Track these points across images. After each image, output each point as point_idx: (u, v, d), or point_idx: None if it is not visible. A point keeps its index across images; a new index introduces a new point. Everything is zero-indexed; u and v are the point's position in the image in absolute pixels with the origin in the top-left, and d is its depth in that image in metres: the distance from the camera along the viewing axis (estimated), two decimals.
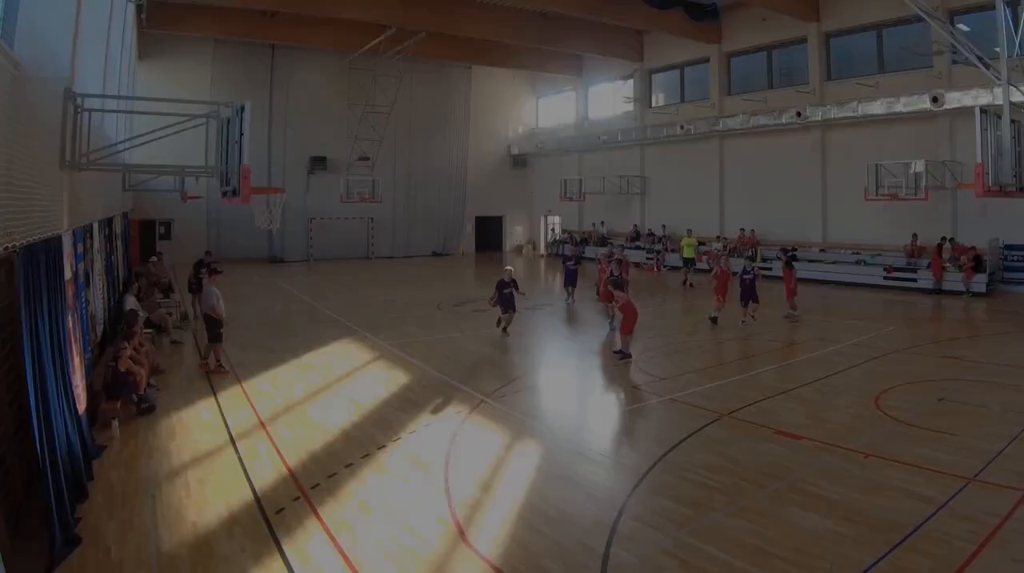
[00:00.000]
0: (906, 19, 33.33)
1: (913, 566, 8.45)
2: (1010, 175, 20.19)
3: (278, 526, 9.84)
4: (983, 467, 11.43)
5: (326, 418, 15.11)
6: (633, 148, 53.39)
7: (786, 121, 40.31)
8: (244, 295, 34.57)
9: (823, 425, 13.71)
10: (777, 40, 42.81)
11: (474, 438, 13.76)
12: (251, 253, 50.92)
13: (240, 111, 15.50)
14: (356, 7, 39.82)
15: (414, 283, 41.03)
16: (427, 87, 58.06)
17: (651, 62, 52.05)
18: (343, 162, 52.92)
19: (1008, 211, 30.06)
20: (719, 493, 10.74)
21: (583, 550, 9.12)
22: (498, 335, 23.71)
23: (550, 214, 63.02)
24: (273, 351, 21.84)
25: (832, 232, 40.47)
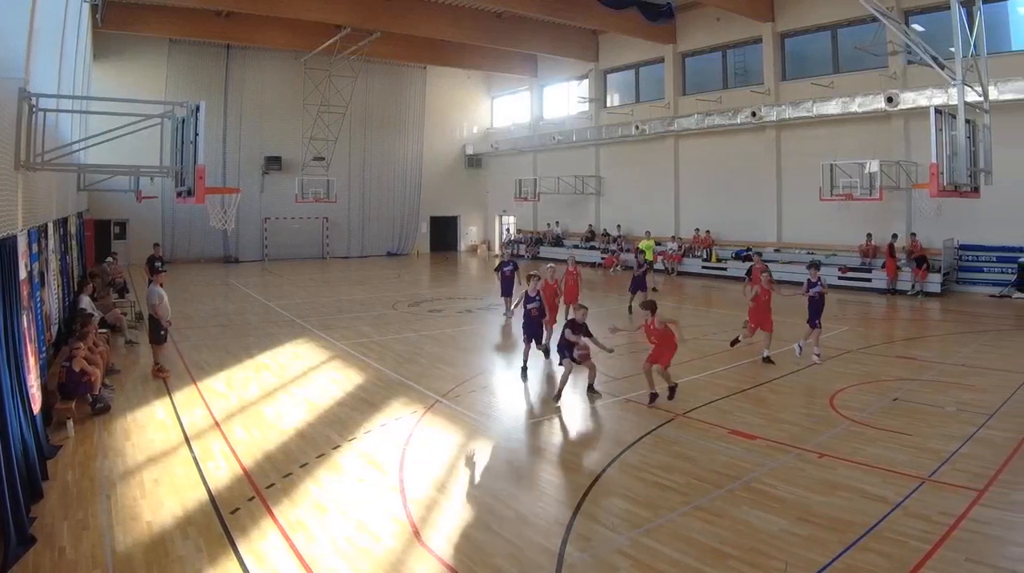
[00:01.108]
0: (861, 19, 33.64)
1: (868, 566, 8.52)
2: (965, 175, 20.36)
3: (233, 526, 9.81)
4: (938, 467, 11.54)
5: (281, 418, 15.08)
6: (588, 148, 53.49)
7: (741, 121, 40.41)
8: (199, 295, 34.50)
9: (778, 425, 13.78)
10: (732, 40, 42.98)
11: (429, 438, 13.75)
12: (206, 253, 50.92)
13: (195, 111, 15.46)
14: (311, 7, 39.65)
15: (369, 283, 40.98)
16: (382, 87, 58.06)
17: (606, 62, 52.15)
18: (298, 162, 52.86)
19: (963, 211, 30.27)
20: (674, 493, 10.78)
21: (538, 550, 9.17)
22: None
23: (505, 214, 63.32)
24: (228, 351, 21.80)
25: (787, 232, 40.68)
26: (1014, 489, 10.60)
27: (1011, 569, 8.34)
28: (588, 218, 54.14)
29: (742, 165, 42.65)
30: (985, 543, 9.00)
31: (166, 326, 18.96)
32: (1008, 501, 10.18)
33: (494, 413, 15.93)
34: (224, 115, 51.32)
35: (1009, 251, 31.65)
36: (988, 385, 16.73)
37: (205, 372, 19.08)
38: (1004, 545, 8.95)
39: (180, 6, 39.86)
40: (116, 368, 19.00)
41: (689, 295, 35.74)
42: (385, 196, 59.41)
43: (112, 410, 15.37)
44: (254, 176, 52.96)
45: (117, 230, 48.29)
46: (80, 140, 19.10)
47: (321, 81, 50.58)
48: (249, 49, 51.08)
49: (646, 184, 49.03)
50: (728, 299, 33.26)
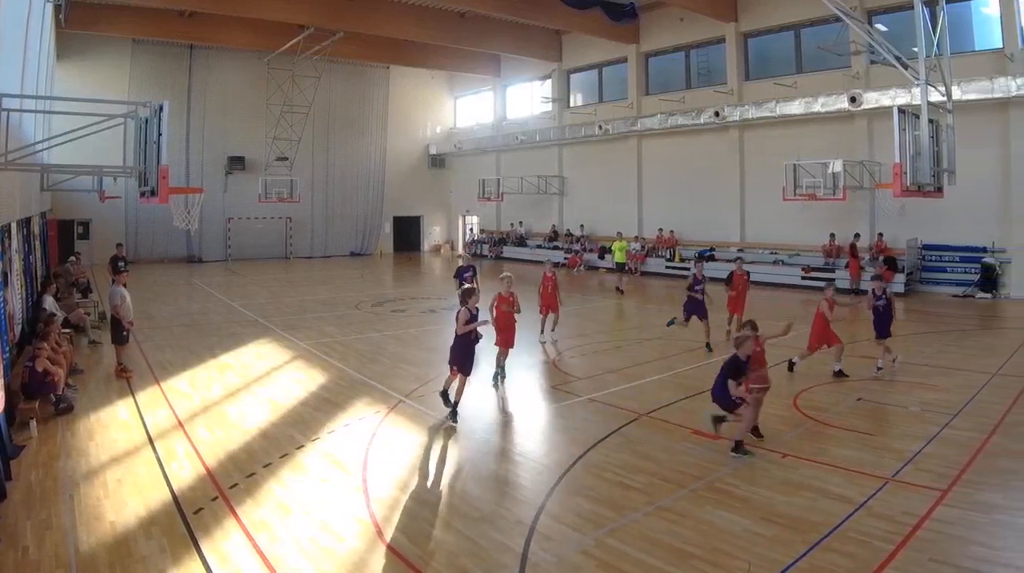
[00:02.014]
0: (824, 19, 33.70)
1: (831, 566, 8.54)
2: (928, 175, 20.44)
3: (196, 526, 9.78)
4: (901, 467, 11.59)
5: (244, 418, 15.03)
6: (551, 148, 53.56)
7: (704, 121, 40.53)
8: (162, 295, 34.42)
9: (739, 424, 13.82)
10: (695, 40, 43.09)
11: (392, 438, 13.74)
12: (169, 253, 50.77)
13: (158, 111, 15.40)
14: (274, 7, 39.60)
15: (332, 283, 40.96)
16: (345, 87, 58.11)
17: (569, 62, 52.22)
18: (261, 162, 52.75)
19: (926, 211, 30.40)
20: (637, 493, 10.79)
21: (502, 550, 9.17)
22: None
23: (468, 214, 63.37)
24: (191, 351, 21.71)
25: (750, 232, 40.83)
26: (977, 489, 10.62)
27: (974, 569, 8.37)
28: (551, 218, 54.21)
29: (705, 165, 42.72)
30: (948, 543, 9.03)
31: (128, 326, 18.84)
32: (971, 501, 10.21)
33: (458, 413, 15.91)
34: (187, 115, 51.13)
35: (972, 251, 31.88)
36: (952, 385, 16.82)
37: (168, 372, 19.00)
38: (967, 545, 8.96)
39: (143, 6, 39.72)
40: (79, 368, 18.91)
41: (653, 295, 35.77)
42: (348, 196, 59.45)
43: (75, 410, 15.30)
44: (217, 176, 52.85)
45: (80, 230, 48.09)
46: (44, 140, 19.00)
47: (284, 81, 50.54)
48: (212, 49, 50.91)
49: (609, 184, 49.09)
50: None
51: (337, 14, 41.62)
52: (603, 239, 47.27)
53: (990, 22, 31.47)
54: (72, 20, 38.46)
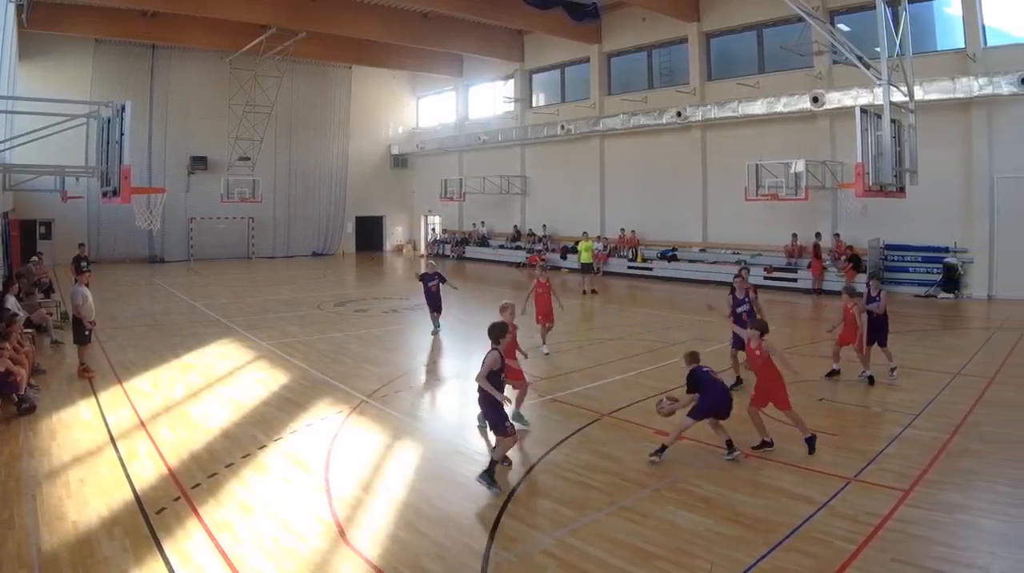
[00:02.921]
0: (786, 19, 33.86)
1: (794, 566, 8.58)
2: (890, 175, 20.55)
3: (159, 526, 9.73)
4: (863, 467, 11.64)
5: (207, 418, 14.97)
6: (513, 148, 53.63)
7: (666, 121, 40.61)
8: (124, 295, 34.30)
9: (703, 425, 13.77)
10: (657, 40, 43.19)
11: (355, 438, 13.74)
12: (132, 253, 50.53)
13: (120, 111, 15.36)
14: (236, 7, 39.48)
15: (295, 283, 40.85)
16: (307, 87, 58.05)
17: (532, 62, 52.27)
18: (223, 162, 52.46)
19: (888, 211, 30.56)
20: (600, 493, 10.81)
21: (464, 550, 9.18)
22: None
23: (430, 214, 63.29)
24: (154, 351, 21.60)
25: (712, 232, 40.90)
26: (940, 489, 10.69)
27: (936, 569, 8.42)
28: (514, 218, 54.28)
29: (668, 165, 42.84)
30: (911, 543, 9.09)
31: (89, 326, 18.72)
32: (934, 501, 10.27)
33: (420, 413, 16.03)
34: (150, 115, 50.94)
35: (934, 251, 32.09)
36: (914, 385, 16.91)
37: (131, 372, 18.90)
38: (930, 545, 9.02)
39: (106, 6, 39.51)
40: (41, 368, 18.77)
41: (615, 295, 35.81)
42: (311, 196, 59.43)
43: (37, 410, 15.19)
44: (179, 176, 52.65)
45: (43, 230, 47.76)
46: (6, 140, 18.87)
47: (247, 81, 50.40)
48: (175, 49, 50.78)
49: (572, 184, 49.14)
50: (653, 299, 33.51)
51: (299, 14, 41.53)
52: (565, 239, 47.38)
53: (952, 22, 31.70)
54: (34, 20, 38.28)
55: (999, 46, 29.76)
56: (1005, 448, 12.52)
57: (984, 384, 16.99)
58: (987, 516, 9.86)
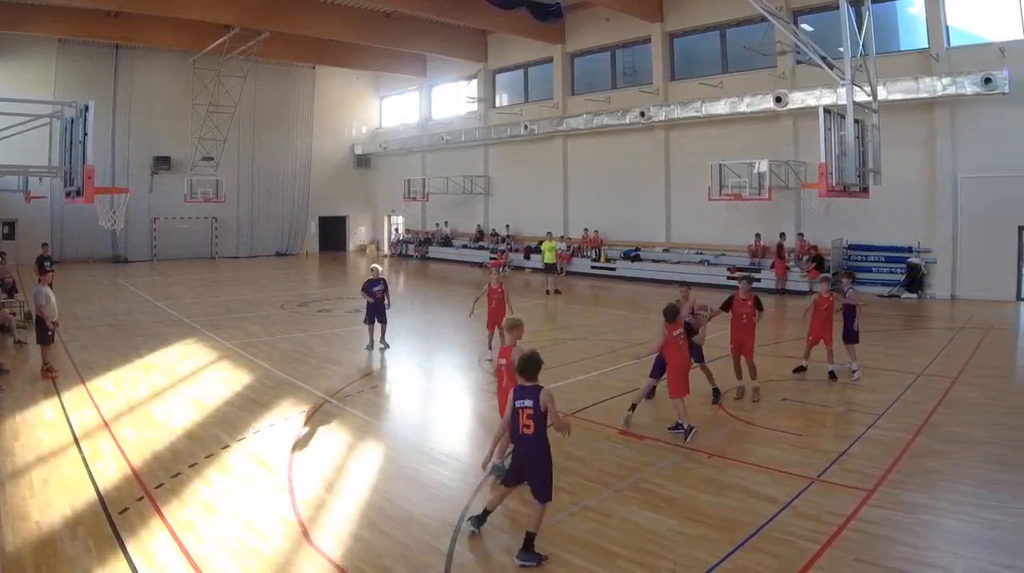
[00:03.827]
0: (750, 19, 34.06)
1: (757, 566, 8.57)
2: (854, 175, 20.64)
3: (122, 526, 9.64)
4: (827, 467, 11.64)
5: (170, 418, 14.87)
6: (477, 148, 53.59)
7: (630, 121, 40.64)
8: (88, 295, 34.12)
9: (667, 425, 13.73)
10: (621, 40, 43.27)
11: (318, 438, 13.69)
12: (95, 253, 50.28)
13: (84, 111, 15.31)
14: (199, 7, 39.26)
15: (258, 283, 40.75)
16: (271, 87, 57.94)
17: (495, 62, 52.31)
18: (187, 162, 52.22)
19: (852, 211, 30.60)
20: (563, 493, 10.63)
21: (427, 550, 9.14)
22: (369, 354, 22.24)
23: (393, 214, 63.22)
24: (117, 351, 21.44)
25: (676, 232, 40.97)
26: (903, 489, 10.70)
27: (899, 569, 8.42)
28: (477, 218, 54.28)
29: (631, 165, 42.92)
30: (874, 543, 9.08)
31: (52, 326, 18.57)
32: (897, 501, 10.28)
33: (383, 413, 15.99)
34: (113, 115, 50.69)
35: (898, 251, 32.27)
36: (877, 385, 16.96)
37: (94, 372, 18.76)
38: (893, 545, 9.02)
39: (69, 6, 39.22)
40: (4, 368, 18.63)
41: (578, 295, 35.87)
42: (274, 196, 59.29)
43: (0, 410, 15.08)
44: (143, 176, 52.32)
45: (6, 230, 47.45)
46: None
47: (210, 81, 50.23)
48: (138, 49, 50.55)
49: (535, 184, 49.19)
50: (616, 299, 33.54)
51: (262, 14, 41.45)
52: (528, 239, 47.42)
53: (915, 22, 31.89)
54: None
55: (962, 46, 29.90)
56: (968, 448, 12.56)
57: (947, 384, 17.05)
58: (950, 516, 9.88)
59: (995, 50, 28.23)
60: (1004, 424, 13.90)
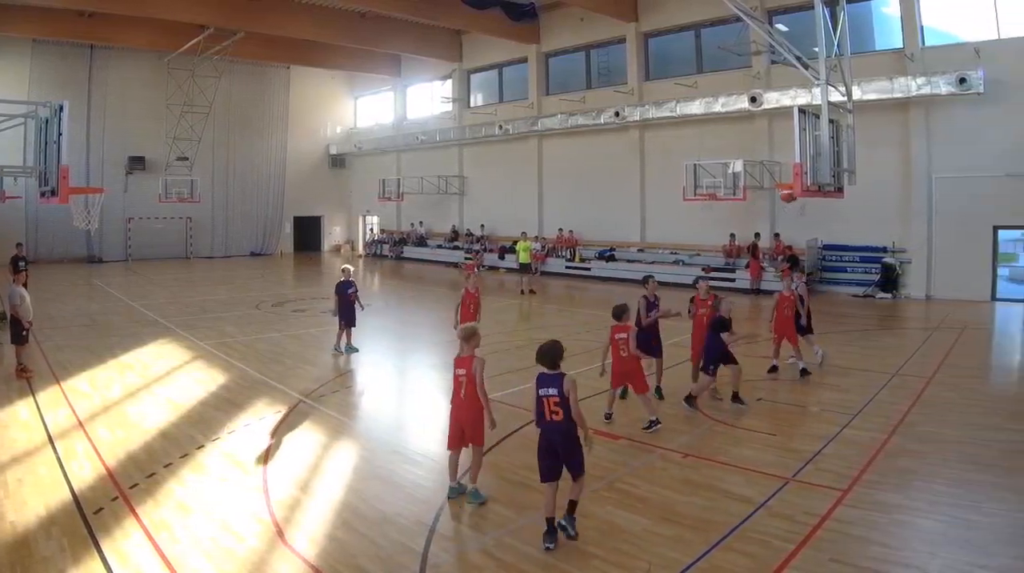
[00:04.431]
0: (724, 19, 34.08)
1: (731, 566, 8.56)
2: (828, 175, 20.68)
3: (97, 526, 9.59)
4: (801, 467, 11.64)
5: (145, 418, 14.80)
6: (451, 148, 53.63)
7: (604, 121, 40.82)
8: (62, 295, 33.97)
9: (641, 425, 13.75)
10: (596, 40, 43.33)
11: (293, 438, 13.63)
12: (70, 253, 50.15)
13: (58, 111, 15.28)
14: (174, 7, 39.16)
15: (233, 283, 40.78)
16: (246, 87, 57.91)
17: (470, 62, 52.33)
18: (161, 162, 52.20)
19: (827, 211, 30.80)
20: (538, 493, 10.40)
21: (402, 550, 9.10)
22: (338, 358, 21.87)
23: (368, 214, 63.27)
24: (92, 351, 21.33)
25: (651, 232, 41.09)
26: (877, 489, 10.70)
27: (874, 569, 8.42)
28: (452, 218, 54.33)
29: (606, 165, 42.99)
30: (848, 543, 9.08)
31: (27, 326, 18.48)
32: (871, 501, 10.28)
33: (358, 413, 15.97)
34: (88, 115, 50.55)
35: (872, 251, 32.42)
36: (851, 385, 16.96)
37: (69, 372, 18.67)
38: (867, 545, 9.01)
39: (43, 6, 39.11)
40: None
41: (553, 295, 35.92)
42: (249, 196, 59.26)
43: None
44: (118, 176, 52.20)
45: None
46: None
47: (185, 81, 50.25)
48: (113, 49, 50.41)
49: (510, 184, 49.25)
50: (591, 299, 33.50)
51: (237, 14, 41.38)
52: (503, 239, 47.52)
53: (890, 22, 32.01)
54: None
55: (937, 46, 30.08)
56: (943, 448, 12.57)
57: (922, 384, 17.07)
58: (925, 516, 9.89)
59: (970, 50, 28.36)
60: (979, 424, 13.92)
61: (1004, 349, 23.69)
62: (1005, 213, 29.13)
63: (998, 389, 17.86)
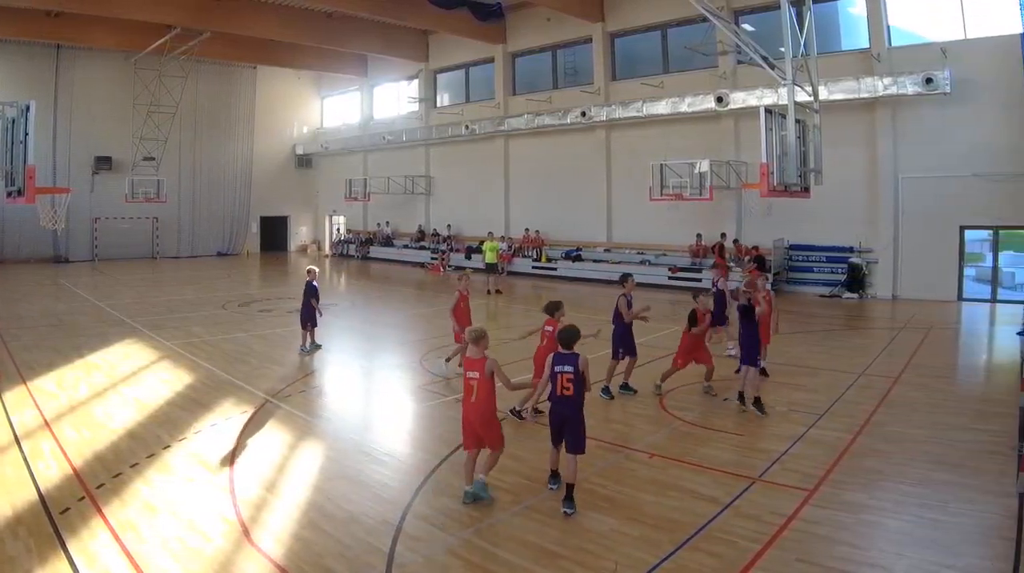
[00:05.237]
0: (691, 19, 34.10)
1: (698, 566, 8.54)
2: (795, 175, 20.76)
3: (63, 526, 9.52)
4: (768, 467, 11.65)
5: (111, 418, 14.70)
6: (418, 148, 53.69)
7: (571, 121, 40.86)
8: (29, 295, 33.93)
9: (608, 425, 13.74)
10: (562, 40, 43.37)
11: (259, 438, 13.58)
12: (36, 253, 49.81)
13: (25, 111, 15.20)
14: (140, 7, 39.04)
15: (199, 283, 40.54)
16: (212, 87, 57.74)
17: (436, 62, 52.32)
18: (128, 162, 52.02)
19: (793, 211, 30.83)
20: (505, 493, 10.70)
21: (368, 550, 9.06)
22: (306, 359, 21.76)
23: (335, 214, 63.29)
24: (58, 351, 21.20)
25: (617, 232, 41.19)
26: (844, 489, 10.73)
27: (841, 569, 8.42)
28: (418, 218, 54.38)
29: (572, 165, 43.08)
30: (815, 543, 9.09)
31: None
32: (838, 501, 10.31)
33: (324, 413, 15.86)
34: (54, 115, 50.31)
35: (839, 251, 32.58)
36: (818, 385, 16.99)
37: (35, 372, 18.55)
38: (833, 545, 9.03)
39: (8, 6, 38.66)
40: None
41: (520, 295, 35.89)
42: (215, 196, 59.08)
43: None
44: (84, 176, 51.97)
45: None
46: None
47: (151, 81, 50.04)
48: (80, 49, 50.16)
49: (476, 184, 49.34)
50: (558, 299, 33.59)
51: (203, 14, 41.29)
52: (470, 239, 47.69)
53: (857, 22, 32.12)
54: None
55: (903, 46, 30.23)
56: (909, 448, 12.60)
57: (889, 384, 17.13)
58: (892, 516, 9.88)
59: (936, 50, 28.48)
60: (945, 424, 13.98)
61: (970, 349, 23.79)
62: (971, 213, 29.31)
63: (964, 389, 17.92)
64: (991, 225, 30.09)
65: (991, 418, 14.32)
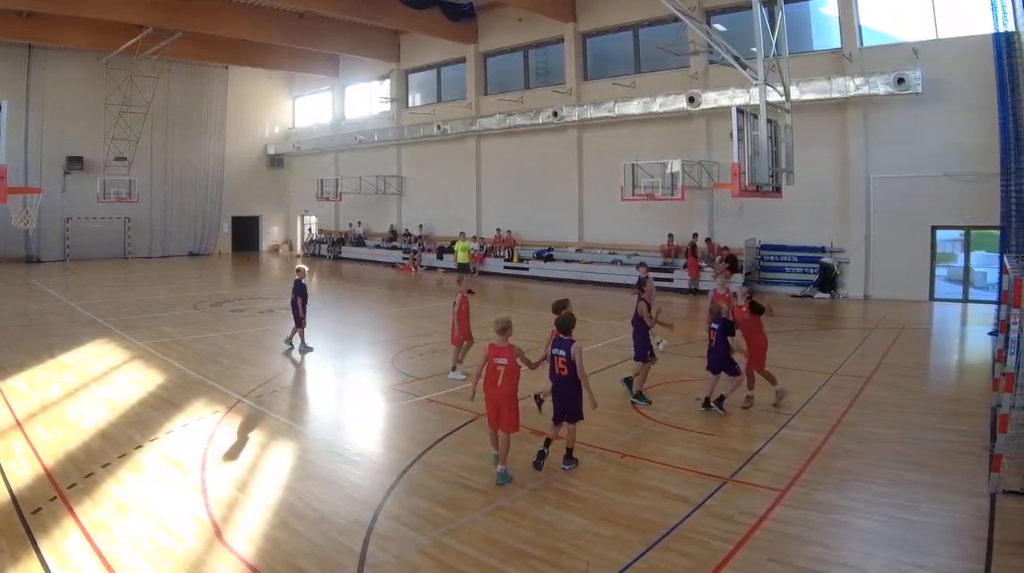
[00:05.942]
0: (663, 19, 34.12)
1: (670, 566, 8.54)
2: (767, 175, 20.79)
3: (35, 526, 9.49)
4: (740, 467, 11.67)
5: (83, 418, 14.64)
6: (390, 148, 53.67)
7: (543, 121, 40.91)
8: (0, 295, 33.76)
9: (580, 425, 13.82)
10: (533, 40, 43.40)
11: (231, 438, 13.53)
12: (7, 253, 49.47)
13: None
14: (111, 7, 38.91)
15: (171, 283, 40.37)
16: (184, 87, 57.53)
17: (408, 62, 52.30)
18: (100, 162, 51.81)
19: (765, 211, 31.00)
20: (476, 493, 10.74)
21: (340, 550, 9.06)
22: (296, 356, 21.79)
23: (307, 214, 63.23)
24: (30, 351, 21.13)
25: (588, 232, 41.20)
26: (815, 489, 10.76)
27: (812, 569, 8.44)
28: (390, 218, 54.38)
29: (544, 165, 43.11)
30: (787, 543, 9.11)
31: None
32: (810, 501, 10.35)
33: (296, 413, 15.86)
34: (26, 115, 50.13)
35: (810, 251, 32.62)
36: (790, 385, 16.72)
37: (7, 372, 18.48)
38: (805, 545, 9.05)
39: None
40: None
41: (491, 295, 35.85)
42: (187, 196, 58.86)
43: None
44: (56, 176, 51.73)
45: None
46: None
47: (123, 81, 49.84)
48: (51, 49, 49.99)
49: (448, 184, 49.34)
50: (530, 299, 33.54)
51: (175, 14, 41.17)
52: (442, 239, 47.78)
53: (829, 22, 32.25)
54: None
55: (875, 46, 30.42)
56: (881, 448, 12.64)
57: (860, 384, 17.22)
58: (863, 516, 9.90)
59: (908, 50, 28.61)
60: (917, 424, 14.03)
61: (942, 349, 23.86)
62: (943, 213, 29.45)
63: (936, 389, 17.96)
64: (962, 225, 30.19)
65: (962, 418, 14.38)
